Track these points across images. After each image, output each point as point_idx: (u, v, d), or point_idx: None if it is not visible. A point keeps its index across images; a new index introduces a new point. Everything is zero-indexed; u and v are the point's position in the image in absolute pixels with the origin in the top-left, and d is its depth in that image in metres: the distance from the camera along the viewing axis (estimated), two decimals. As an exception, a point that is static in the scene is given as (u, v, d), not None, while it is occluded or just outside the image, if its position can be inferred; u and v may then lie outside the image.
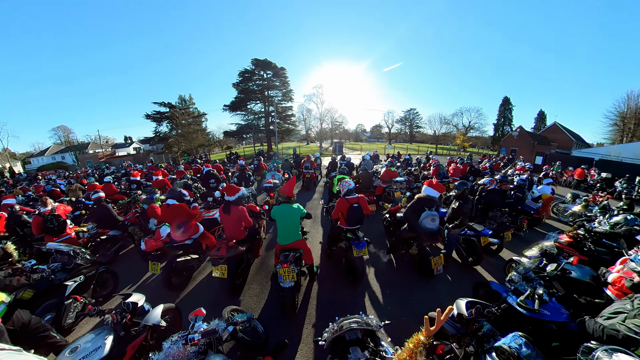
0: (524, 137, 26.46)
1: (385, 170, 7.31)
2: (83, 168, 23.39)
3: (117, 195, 7.52)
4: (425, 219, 3.59)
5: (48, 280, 3.02)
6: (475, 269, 4.16)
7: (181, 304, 3.35)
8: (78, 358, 1.89)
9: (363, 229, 4.04)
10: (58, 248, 3.40)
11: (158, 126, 27.73)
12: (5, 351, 1.58)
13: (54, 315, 2.92)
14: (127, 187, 8.97)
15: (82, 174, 16.30)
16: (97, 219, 4.99)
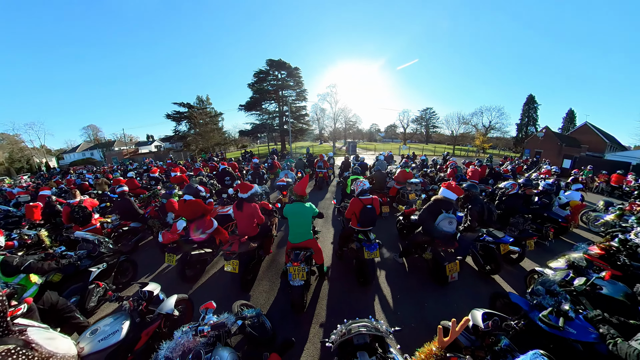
0: (550, 139, 24.67)
1: (400, 171, 7.13)
2: (109, 164, 24.96)
3: (138, 189, 7.91)
4: (443, 221, 3.44)
5: (75, 266, 3.24)
6: (493, 279, 3.94)
7: (193, 296, 3.47)
8: (97, 339, 2.00)
9: (375, 230, 3.94)
10: (85, 237, 3.63)
11: (177, 125, 28.95)
12: (35, 328, 1.73)
13: (78, 298, 3.13)
14: (147, 182, 9.40)
15: (108, 169, 17.44)
16: (120, 211, 5.29)
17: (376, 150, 32.21)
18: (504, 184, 5.03)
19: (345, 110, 42.10)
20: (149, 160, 18.38)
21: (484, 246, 3.95)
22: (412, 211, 4.89)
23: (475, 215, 3.80)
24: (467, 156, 28.99)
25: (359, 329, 1.70)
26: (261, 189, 6.44)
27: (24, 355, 1.48)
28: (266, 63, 27.80)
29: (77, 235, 3.70)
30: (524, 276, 3.70)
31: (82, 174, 13.96)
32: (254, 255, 3.80)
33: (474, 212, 3.81)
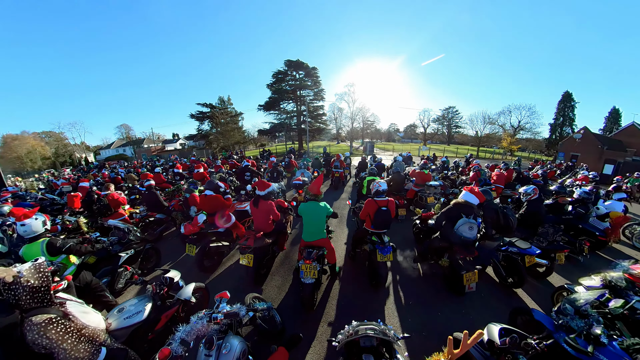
0: (589, 141, 22.09)
1: (418, 172, 6.88)
2: (139, 160, 26.82)
3: (164, 184, 8.43)
4: (463, 226, 3.27)
5: (107, 250, 3.57)
6: (515, 292, 3.66)
7: (210, 285, 3.61)
8: (123, 317, 2.20)
9: (390, 233, 3.85)
10: (116, 225, 3.97)
11: (200, 124, 30.33)
12: (72, 302, 1.94)
13: (109, 279, 3.43)
14: (172, 177, 9.98)
15: (137, 164, 18.72)
16: (147, 203, 5.69)
17: (394, 150, 31.43)
18: (524, 189, 4.62)
19: (363, 110, 41.73)
20: (174, 157, 19.51)
21: (507, 257, 3.69)
22: (429, 215, 4.71)
23: (489, 221, 3.60)
24: (493, 159, 27.28)
25: (366, 331, 1.69)
26: (278, 187, 6.58)
27: (63, 324, 1.66)
28: (284, 64, 28.28)
29: (110, 223, 4.05)
30: (550, 293, 3.38)
31: (115, 169, 15.19)
32: (268, 251, 3.90)
33: (487, 218, 3.62)
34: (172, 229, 6.13)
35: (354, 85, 38.40)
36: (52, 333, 1.59)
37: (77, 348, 1.66)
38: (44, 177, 17.89)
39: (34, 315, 1.61)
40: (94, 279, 3.05)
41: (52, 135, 37.29)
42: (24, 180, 16.45)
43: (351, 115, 39.81)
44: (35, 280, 1.69)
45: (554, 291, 3.31)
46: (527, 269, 3.60)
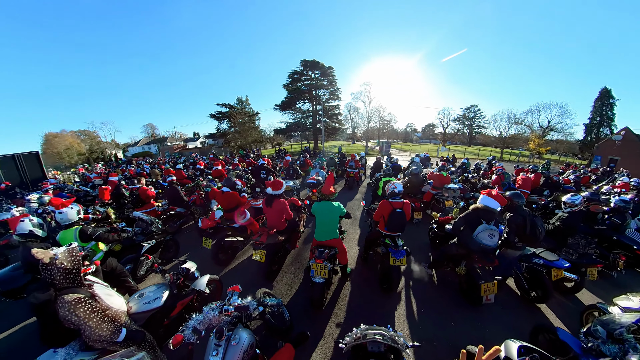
0: (631, 143, 19.86)
1: (436, 174, 6.60)
2: (162, 157, 28.37)
3: (185, 180, 8.85)
4: (482, 232, 3.08)
5: (131, 240, 3.82)
6: (539, 308, 3.39)
7: (223, 278, 3.74)
8: (143, 302, 2.34)
9: (404, 237, 3.74)
10: (140, 216, 4.24)
11: (219, 124, 31.36)
12: (99, 284, 2.10)
13: (132, 266, 3.68)
14: (193, 174, 10.44)
15: (161, 161, 19.81)
16: (169, 197, 6.00)
17: (412, 151, 30.54)
18: (569, 198, 4.02)
19: (379, 109, 40.97)
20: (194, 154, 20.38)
21: (531, 268, 3.41)
22: (447, 220, 4.50)
23: (514, 228, 3.32)
24: (518, 161, 25.65)
25: (375, 336, 1.66)
26: (293, 185, 6.66)
27: (90, 304, 1.80)
28: (300, 64, 28.49)
29: (135, 215, 4.33)
30: (579, 311, 3.08)
31: (141, 165, 16.21)
32: (280, 248, 3.96)
33: (513, 223, 3.33)
34: (191, 223, 6.42)
35: (370, 84, 37.81)
36: (81, 311, 1.73)
37: (101, 326, 1.80)
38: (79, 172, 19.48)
39: (66, 294, 1.76)
40: (118, 265, 3.29)
41: (87, 134, 40.48)
42: (62, 174, 18.00)
43: (367, 115, 39.26)
44: (68, 262, 1.84)
45: (584, 310, 2.99)
46: (553, 283, 3.31)
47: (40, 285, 1.82)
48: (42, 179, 13.58)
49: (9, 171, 13.46)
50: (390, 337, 1.67)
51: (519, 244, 3.39)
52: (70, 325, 1.73)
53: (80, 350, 1.89)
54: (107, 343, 1.84)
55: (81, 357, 1.85)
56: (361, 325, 1.83)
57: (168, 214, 5.77)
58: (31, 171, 14.09)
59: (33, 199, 6.58)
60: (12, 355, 2.81)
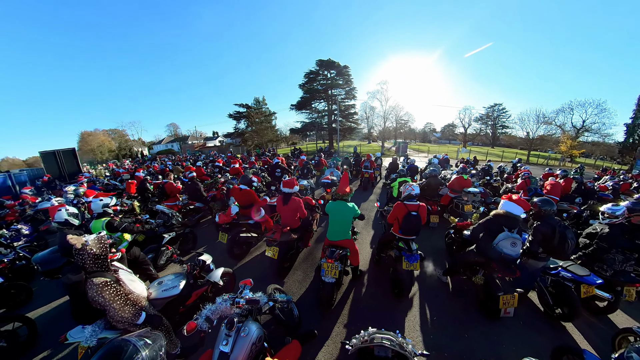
0: None
1: (456, 177, 6.27)
2: (184, 154, 29.77)
3: (204, 176, 9.23)
4: (504, 241, 2.89)
5: (154, 231, 4.06)
6: (564, 327, 3.09)
7: (236, 271, 3.85)
8: (162, 289, 2.49)
9: (419, 241, 3.60)
10: (163, 210, 4.49)
11: (237, 123, 32.31)
12: (123, 270, 2.27)
13: (153, 256, 3.91)
14: (211, 171, 10.86)
15: (182, 158, 20.79)
16: (189, 192, 6.29)
17: (429, 152, 29.56)
18: (609, 208, 3.52)
19: (396, 108, 39.87)
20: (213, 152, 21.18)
21: (557, 283, 3.13)
22: (465, 225, 4.29)
23: (540, 238, 3.03)
24: (547, 165, 23.92)
25: (383, 340, 1.63)
26: (307, 184, 6.71)
27: (115, 287, 1.96)
28: (316, 63, 28.48)
29: (158, 208, 4.60)
30: (612, 334, 2.76)
31: (164, 161, 17.11)
32: (293, 246, 4.00)
33: (539, 233, 3.03)
34: (208, 217, 6.68)
35: (387, 82, 36.83)
36: (107, 293, 1.88)
37: (124, 309, 1.94)
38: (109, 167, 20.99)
39: (95, 277, 1.92)
40: (141, 254, 3.52)
41: (117, 132, 43.62)
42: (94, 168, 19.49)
43: (384, 114, 38.35)
44: (97, 249, 2.01)
45: (617, 333, 2.69)
46: (582, 301, 3.03)
47: (73, 267, 2.00)
48: (77, 172, 14.90)
49: (50, 165, 14.99)
50: (399, 343, 1.63)
51: (543, 255, 3.11)
52: (97, 305, 1.88)
53: (105, 328, 2.06)
54: (128, 324, 1.98)
55: (105, 334, 2.03)
56: (369, 329, 1.80)
57: (188, 208, 6.05)
58: (68, 165, 15.55)
59: (70, 190, 7.21)
60: (48, 327, 3.16)
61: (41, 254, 3.42)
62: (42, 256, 3.35)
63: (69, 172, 15.28)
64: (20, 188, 10.98)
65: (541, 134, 31.68)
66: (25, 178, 13.98)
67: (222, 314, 1.86)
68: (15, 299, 3.61)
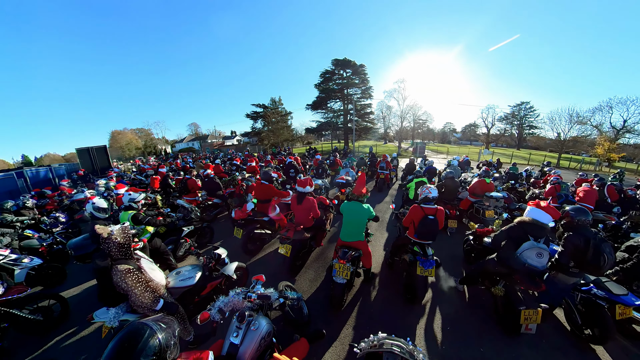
0: None
1: (477, 181, 5.92)
2: (203, 152, 31.03)
3: (222, 174, 9.55)
4: (529, 251, 2.68)
5: (174, 224, 4.28)
6: (593, 350, 2.80)
7: (249, 266, 3.94)
8: (179, 279, 2.62)
9: (435, 246, 3.45)
10: (183, 204, 4.71)
11: (254, 123, 33.08)
12: (145, 259, 2.40)
13: (172, 247, 4.12)
14: (229, 168, 11.20)
15: (202, 156, 21.67)
16: (207, 188, 6.54)
17: (449, 153, 28.31)
18: None
19: (414, 108, 38.49)
20: (231, 151, 21.87)
21: (588, 300, 2.84)
22: (486, 232, 4.05)
23: (571, 250, 2.75)
24: (581, 169, 22.05)
25: (392, 347, 1.58)
26: (322, 183, 6.72)
27: (137, 274, 2.09)
28: (332, 63, 28.38)
29: (178, 202, 4.83)
30: None
31: (185, 159, 17.92)
32: (305, 244, 4.02)
33: (570, 244, 2.75)
34: (225, 213, 6.91)
35: (404, 81, 35.64)
36: (129, 279, 2.00)
37: (144, 295, 2.07)
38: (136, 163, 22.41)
39: (119, 264, 2.06)
40: (162, 244, 3.72)
41: (143, 131, 46.54)
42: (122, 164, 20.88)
43: (401, 114, 37.21)
44: (121, 238, 2.14)
45: None
46: (616, 323, 2.74)
47: (100, 254, 2.17)
48: (108, 168, 16.20)
49: (84, 160, 16.48)
50: (409, 351, 1.57)
51: (575, 270, 2.84)
52: (120, 290, 2.02)
53: (126, 311, 2.22)
54: (147, 309, 2.11)
55: (127, 317, 2.19)
56: (379, 333, 1.75)
57: (206, 203, 6.30)
58: (100, 161, 17.01)
59: (101, 184, 7.81)
60: (78, 306, 3.49)
61: (75, 240, 3.71)
62: (75, 242, 3.64)
63: (100, 167, 16.73)
64: (59, 180, 12.11)
65: (574, 135, 28.38)
66: (64, 172, 15.46)
67: (234, 307, 1.91)
68: (52, 279, 4.01)
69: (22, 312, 2.93)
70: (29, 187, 11.18)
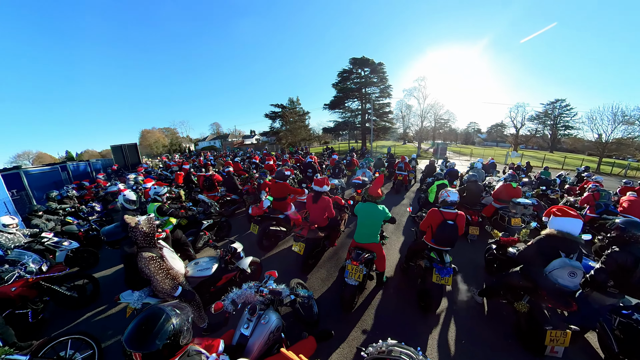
0: None
1: (503, 185, 5.49)
2: (224, 151, 32.29)
3: (240, 171, 9.88)
4: (560, 270, 2.38)
5: (195, 217, 4.52)
6: None
7: (263, 262, 4.04)
8: (197, 269, 2.77)
9: (453, 252, 3.28)
10: (203, 199, 4.96)
11: (273, 122, 33.74)
12: (167, 249, 2.56)
13: (192, 239, 4.36)
14: (248, 166, 11.55)
15: (223, 154, 22.57)
16: (226, 185, 6.80)
17: (472, 155, 26.83)
18: None
19: (435, 107, 36.47)
20: (250, 150, 22.55)
21: (628, 326, 2.50)
22: (511, 241, 3.70)
23: (613, 267, 2.45)
24: (626, 176, 19.83)
25: (401, 355, 1.51)
26: (338, 183, 6.71)
27: (159, 262, 2.24)
28: (349, 62, 28.01)
29: (199, 197, 5.09)
30: None
31: (207, 156, 18.77)
32: (319, 244, 4.04)
33: (614, 261, 2.46)
34: (242, 209, 7.13)
35: (425, 78, 33.99)
36: (152, 266, 2.15)
37: (165, 281, 2.22)
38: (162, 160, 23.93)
39: (144, 251, 2.22)
40: (183, 236, 3.95)
41: (169, 130, 49.57)
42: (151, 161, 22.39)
43: (421, 113, 35.63)
44: (147, 228, 2.30)
45: None
46: None
47: (128, 242, 2.35)
48: (138, 163, 17.55)
49: (118, 156, 18.12)
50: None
51: (614, 290, 2.55)
52: (144, 275, 2.19)
53: (149, 295, 2.40)
54: (166, 295, 2.26)
55: (149, 300, 2.38)
56: (388, 340, 1.69)
57: (225, 199, 6.57)
58: (131, 157, 18.59)
59: (131, 178, 8.42)
60: (107, 287, 3.87)
61: (107, 227, 4.01)
62: (107, 229, 3.94)
63: (131, 162, 18.28)
64: (95, 174, 13.35)
65: (618, 137, 24.85)
66: (100, 166, 17.05)
67: (246, 300, 1.97)
68: (87, 261, 4.52)
69: (61, 288, 3.33)
70: (71, 179, 12.41)
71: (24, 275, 3.07)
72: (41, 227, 4.54)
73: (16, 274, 3.03)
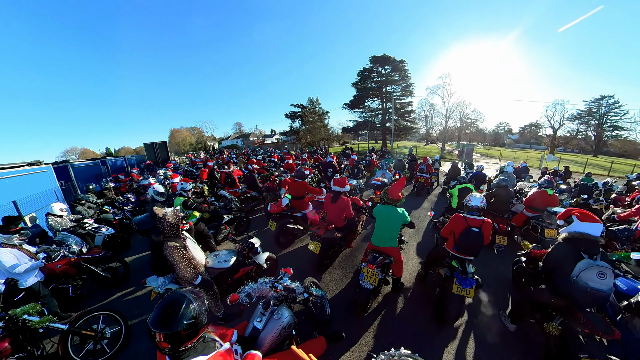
0: None
1: (537, 192, 4.94)
2: (245, 149, 33.46)
3: (261, 169, 10.14)
4: (587, 271, 2.16)
5: (216, 211, 4.76)
6: None
7: (279, 259, 4.11)
8: (217, 261, 2.92)
9: (477, 263, 3.05)
10: (225, 195, 5.19)
11: (292, 122, 34.24)
12: (189, 240, 2.70)
13: (213, 232, 4.59)
14: (268, 165, 11.85)
15: (244, 152, 23.42)
16: (247, 182, 7.04)
17: (502, 158, 24.81)
18: None
19: (461, 105, 34.01)
20: (270, 149, 23.16)
21: None
22: (542, 254, 3.31)
23: None
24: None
25: None
26: (356, 184, 6.63)
27: (182, 251, 2.38)
28: (369, 60, 27.38)
29: (221, 193, 5.34)
30: None
31: (230, 154, 19.63)
32: (335, 244, 4.02)
33: None
34: (261, 206, 7.34)
35: (450, 75, 31.70)
36: (175, 255, 2.30)
37: (186, 269, 2.37)
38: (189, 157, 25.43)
39: (169, 241, 2.38)
40: (205, 228, 4.18)
41: (195, 129, 52.62)
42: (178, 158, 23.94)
43: (445, 112, 33.49)
44: (173, 219, 2.46)
45: None
46: None
47: (156, 231, 2.56)
48: (167, 160, 18.98)
49: (150, 153, 19.89)
50: None
51: None
52: (168, 263, 2.35)
53: (171, 281, 2.61)
54: (187, 283, 2.41)
55: (171, 286, 2.58)
56: (401, 349, 1.62)
57: (245, 195, 6.80)
58: (161, 154, 20.27)
59: (160, 173, 9.08)
60: (136, 271, 4.26)
61: (139, 217, 4.36)
62: (139, 219, 4.27)
63: (161, 159, 19.91)
64: (130, 169, 14.65)
65: None
66: (134, 162, 18.79)
67: (261, 294, 2.01)
68: (120, 246, 5.02)
69: (97, 269, 3.76)
70: (109, 172, 13.68)
71: (67, 254, 3.54)
72: (83, 213, 5.09)
73: (61, 253, 3.51)
